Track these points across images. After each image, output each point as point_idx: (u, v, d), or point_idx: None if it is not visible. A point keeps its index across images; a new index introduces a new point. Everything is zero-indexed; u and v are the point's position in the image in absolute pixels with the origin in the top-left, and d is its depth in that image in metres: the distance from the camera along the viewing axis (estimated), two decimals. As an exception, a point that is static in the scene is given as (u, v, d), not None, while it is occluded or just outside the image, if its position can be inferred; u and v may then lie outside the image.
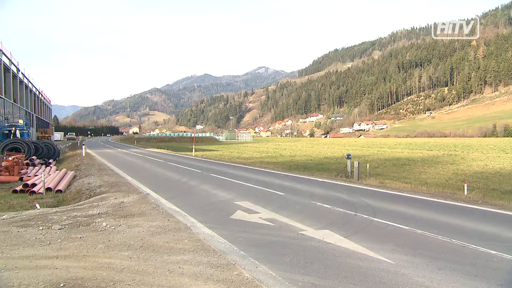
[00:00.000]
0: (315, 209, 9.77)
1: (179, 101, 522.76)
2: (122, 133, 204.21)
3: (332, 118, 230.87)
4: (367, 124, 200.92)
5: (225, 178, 16.79)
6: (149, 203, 9.95)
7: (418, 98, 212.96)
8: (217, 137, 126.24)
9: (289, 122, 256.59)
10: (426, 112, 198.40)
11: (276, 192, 12.65)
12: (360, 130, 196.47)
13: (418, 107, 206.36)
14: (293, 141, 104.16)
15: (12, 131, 33.37)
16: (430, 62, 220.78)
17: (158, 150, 46.87)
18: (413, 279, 5.03)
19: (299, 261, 5.67)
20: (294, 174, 18.88)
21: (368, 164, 18.08)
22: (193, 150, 38.06)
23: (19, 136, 32.71)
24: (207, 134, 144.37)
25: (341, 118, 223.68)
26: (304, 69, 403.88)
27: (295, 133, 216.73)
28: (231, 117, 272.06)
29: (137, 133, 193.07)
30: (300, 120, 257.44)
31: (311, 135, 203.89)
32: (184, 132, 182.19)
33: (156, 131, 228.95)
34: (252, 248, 6.23)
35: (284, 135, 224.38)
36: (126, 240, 6.45)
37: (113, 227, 7.38)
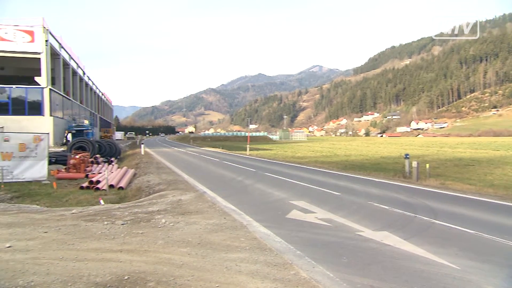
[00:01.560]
0: (372, 210, 9.54)
1: (233, 100, 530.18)
2: (178, 133, 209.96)
3: (388, 117, 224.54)
4: (426, 123, 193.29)
5: (279, 177, 16.80)
6: (206, 201, 10.15)
7: (482, 95, 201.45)
8: (271, 136, 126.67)
9: (344, 121, 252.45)
10: (492, 109, 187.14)
11: (331, 192, 12.48)
12: (418, 129, 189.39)
13: (482, 105, 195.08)
14: (347, 141, 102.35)
15: (65, 134, 35.31)
16: (497, 56, 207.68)
17: (213, 149, 47.77)
18: (482, 287, 4.76)
19: (357, 263, 5.55)
20: (350, 173, 18.54)
21: (427, 164, 17.37)
22: (248, 149, 38.42)
23: (70, 137, 34.53)
24: (261, 133, 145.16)
25: (398, 117, 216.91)
26: (359, 67, 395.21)
27: (350, 132, 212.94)
28: (284, 116, 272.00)
29: (192, 132, 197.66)
30: (355, 119, 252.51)
31: (367, 134, 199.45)
32: (238, 131, 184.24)
33: (211, 130, 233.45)
34: (309, 248, 6.19)
35: (338, 134, 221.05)
36: (185, 237, 6.62)
37: (172, 224, 7.60)
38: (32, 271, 4.91)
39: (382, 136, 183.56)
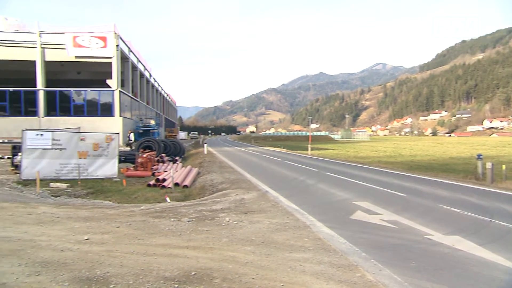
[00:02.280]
0: (442, 213, 9.10)
1: (294, 100, 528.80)
2: (239, 132, 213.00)
3: (457, 115, 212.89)
4: (501, 121, 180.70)
5: (342, 177, 16.52)
6: (269, 201, 10.21)
7: None
8: (332, 136, 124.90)
9: (409, 120, 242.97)
10: None
11: (396, 193, 12.08)
12: (491, 128, 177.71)
13: None
14: (413, 140, 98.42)
15: (128, 134, 36.97)
16: None
17: (274, 149, 47.94)
18: None
19: (427, 268, 5.32)
20: (415, 174, 17.83)
21: (503, 166, 16.26)
22: (309, 148, 38.16)
23: (132, 137, 36.03)
24: (322, 133, 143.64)
25: (469, 115, 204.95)
26: (425, 63, 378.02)
27: (415, 132, 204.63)
28: (346, 116, 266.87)
29: (253, 132, 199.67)
30: (421, 118, 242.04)
31: (434, 133, 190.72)
32: (299, 131, 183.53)
33: (272, 130, 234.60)
34: (374, 250, 6.03)
35: (403, 133, 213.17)
36: (248, 236, 6.70)
37: (236, 222, 7.72)
38: (107, 263, 5.21)
39: (450, 135, 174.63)
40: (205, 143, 44.84)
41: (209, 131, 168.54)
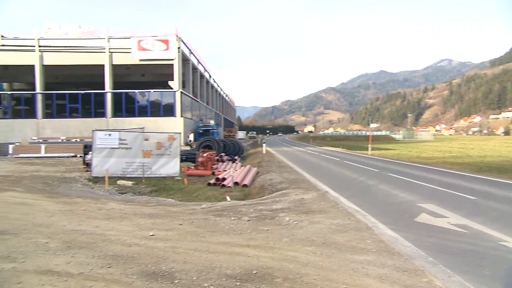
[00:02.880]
0: (518, 218, 8.50)
1: (353, 99, 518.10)
2: (297, 132, 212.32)
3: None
4: None
5: (404, 178, 15.94)
6: (328, 201, 10.07)
7: None
8: (393, 136, 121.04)
9: (477, 119, 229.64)
10: None
11: (464, 195, 11.45)
12: None
13: None
14: (482, 140, 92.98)
15: (188, 134, 37.75)
16: None
17: (333, 149, 47.26)
18: None
19: (503, 277, 4.99)
20: (486, 176, 16.80)
21: None
22: (369, 148, 37.24)
23: (192, 137, 36.81)
24: (383, 133, 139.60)
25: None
26: (497, 58, 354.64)
27: (485, 131, 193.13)
28: (408, 115, 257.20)
29: (312, 131, 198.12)
30: (491, 116, 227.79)
31: (506, 133, 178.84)
32: (359, 130, 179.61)
33: (330, 130, 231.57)
34: (442, 255, 5.74)
35: (470, 133, 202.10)
36: (309, 236, 6.64)
37: (296, 222, 7.69)
38: (172, 259, 5.38)
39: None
40: (264, 142, 45.11)
41: (267, 131, 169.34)
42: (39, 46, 37.42)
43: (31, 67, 37.56)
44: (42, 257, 5.41)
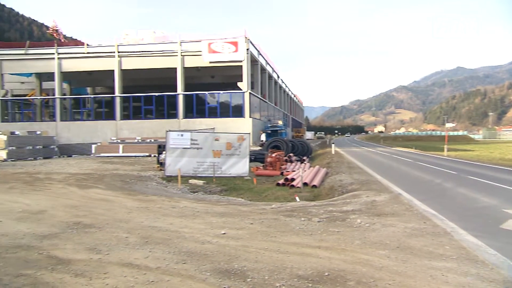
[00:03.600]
0: None
1: (427, 98, 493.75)
2: (367, 132, 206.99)
3: None
4: None
5: (485, 181, 14.91)
6: (402, 204, 9.68)
7: None
8: (472, 136, 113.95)
9: None
10: None
11: (558, 201, 10.47)
12: None
13: None
14: None
15: (259, 134, 37.92)
16: None
17: (405, 149, 45.45)
18: None
19: None
20: None
21: None
22: (445, 149, 35.31)
23: (263, 137, 36.90)
24: (460, 133, 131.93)
25: None
26: None
27: None
28: (489, 113, 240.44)
29: (382, 132, 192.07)
30: None
31: None
32: (433, 130, 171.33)
33: (402, 130, 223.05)
34: (534, 266, 5.28)
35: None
36: (382, 239, 6.43)
37: (368, 224, 7.47)
38: (243, 257, 5.46)
39: None
40: (333, 143, 44.46)
41: (336, 131, 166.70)
42: (118, 52, 39.77)
43: (111, 72, 40.03)
44: (123, 251, 5.75)
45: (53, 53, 40.65)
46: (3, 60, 41.50)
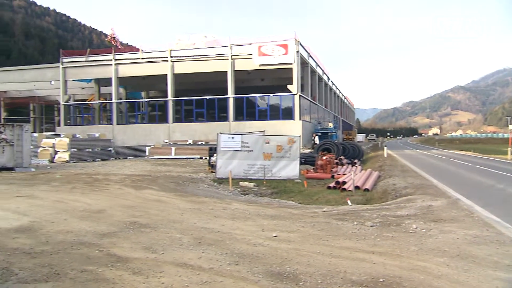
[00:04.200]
0: None
1: (487, 98, 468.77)
2: (421, 134, 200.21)
3: None
4: None
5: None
6: (461, 209, 9.23)
7: None
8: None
9: None
10: None
11: None
12: None
13: None
14: None
15: (313, 137, 37.46)
16: None
17: (463, 152, 43.44)
18: None
19: None
20: None
21: None
22: (509, 152, 33.36)
23: (317, 140, 36.39)
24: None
25: None
26: None
27: None
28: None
29: (437, 134, 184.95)
30: None
31: None
32: (494, 132, 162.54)
33: (459, 132, 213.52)
34: None
35: None
36: (440, 246, 6.15)
37: (424, 230, 7.19)
38: (295, 261, 5.42)
39: None
40: (385, 145, 43.30)
41: (388, 134, 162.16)
42: (171, 57, 40.89)
43: (164, 76, 41.22)
44: (177, 251, 5.88)
45: (111, 60, 42.46)
46: (66, 68, 43.86)
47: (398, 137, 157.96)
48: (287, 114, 39.05)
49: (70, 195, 11.77)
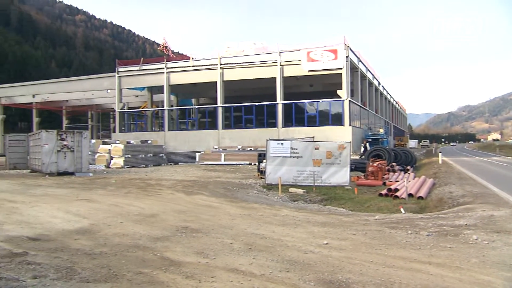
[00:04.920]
0: None
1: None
2: (479, 140, 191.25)
3: None
4: None
5: None
6: (526, 220, 8.66)
7: None
8: None
9: None
10: None
11: None
12: None
13: None
14: None
15: (363, 143, 36.73)
16: None
17: (527, 159, 40.94)
18: None
19: None
20: None
21: None
22: None
23: (368, 146, 35.56)
24: None
25: None
26: None
27: None
28: None
29: (497, 140, 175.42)
30: None
31: None
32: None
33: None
34: None
35: None
36: (505, 259, 5.78)
37: (486, 242, 6.79)
38: (347, 269, 5.30)
39: None
40: (439, 152, 41.64)
41: (442, 139, 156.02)
42: (221, 64, 41.60)
43: (214, 83, 41.98)
44: (228, 256, 5.93)
45: (163, 68, 43.81)
46: (121, 77, 45.75)
47: (452, 143, 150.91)
48: (337, 120, 38.56)
49: (125, 199, 12.21)
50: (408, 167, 26.99)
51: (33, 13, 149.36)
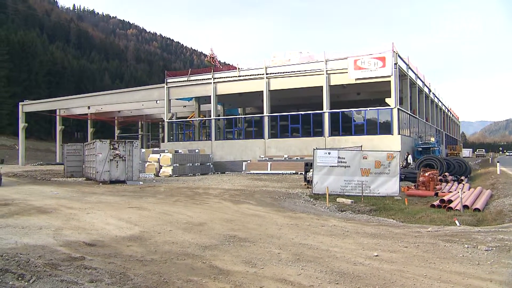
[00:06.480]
0: None
1: None
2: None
3: None
4: None
5: None
6: None
7: None
8: None
9: None
10: None
11: None
12: None
13: None
14: None
15: (406, 156, 35.51)
16: None
17: None
18: None
19: None
20: None
21: None
22: None
23: (410, 159, 34.29)
24: None
25: None
26: None
27: None
28: None
29: None
30: None
31: None
32: None
33: None
34: None
35: None
36: None
37: (551, 257, 6.34)
38: (400, 283, 5.11)
39: None
40: (497, 161, 39.54)
41: (500, 148, 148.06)
42: (267, 74, 41.80)
43: (260, 93, 42.21)
44: (276, 266, 5.88)
45: (210, 78, 44.61)
46: (170, 88, 47.04)
47: (508, 153, 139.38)
48: (385, 128, 37.58)
49: (173, 207, 12.47)
50: (462, 177, 25.83)
51: (89, 29, 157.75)
